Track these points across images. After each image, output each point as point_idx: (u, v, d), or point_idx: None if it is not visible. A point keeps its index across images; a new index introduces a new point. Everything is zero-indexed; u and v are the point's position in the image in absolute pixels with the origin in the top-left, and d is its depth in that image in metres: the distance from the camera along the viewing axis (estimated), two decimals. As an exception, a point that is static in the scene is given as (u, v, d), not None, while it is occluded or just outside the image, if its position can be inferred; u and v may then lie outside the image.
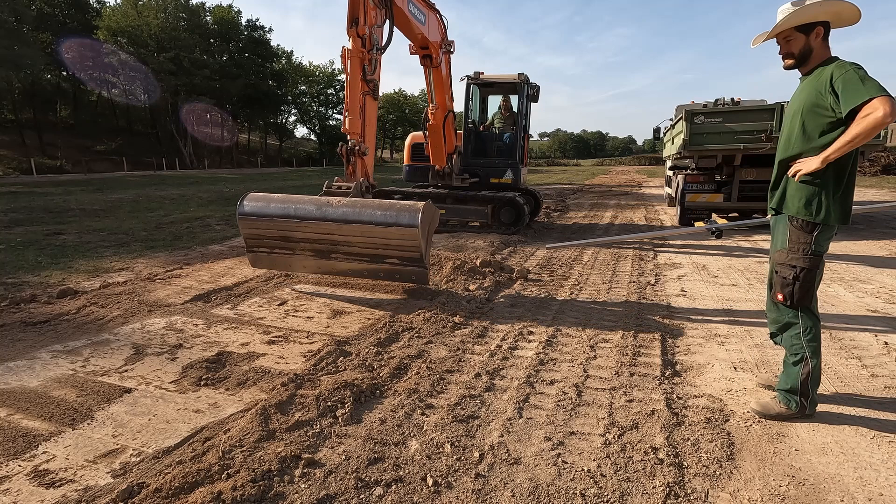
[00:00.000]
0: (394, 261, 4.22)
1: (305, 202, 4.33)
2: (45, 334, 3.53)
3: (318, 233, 4.28)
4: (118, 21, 40.23)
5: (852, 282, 4.93)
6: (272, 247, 4.55)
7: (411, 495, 1.83)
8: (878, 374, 2.86)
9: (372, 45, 4.57)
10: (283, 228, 4.39)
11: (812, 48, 2.28)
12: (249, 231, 4.53)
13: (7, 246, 6.89)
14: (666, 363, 3.03)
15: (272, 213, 4.38)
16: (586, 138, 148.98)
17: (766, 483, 1.91)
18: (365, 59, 4.57)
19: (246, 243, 4.64)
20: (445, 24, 6.79)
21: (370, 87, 4.68)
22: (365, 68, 4.57)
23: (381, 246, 4.19)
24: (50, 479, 1.93)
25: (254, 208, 4.45)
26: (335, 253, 4.35)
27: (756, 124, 7.59)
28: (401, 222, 3.97)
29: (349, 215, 4.12)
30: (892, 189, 15.93)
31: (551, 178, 30.89)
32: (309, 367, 2.97)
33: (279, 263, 4.69)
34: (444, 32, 6.81)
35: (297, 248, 4.45)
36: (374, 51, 4.62)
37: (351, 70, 4.54)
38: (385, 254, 4.22)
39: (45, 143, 35.95)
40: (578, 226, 9.72)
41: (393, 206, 4.09)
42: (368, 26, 4.52)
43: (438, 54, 6.73)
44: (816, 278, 2.31)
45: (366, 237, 4.16)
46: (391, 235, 4.06)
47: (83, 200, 13.91)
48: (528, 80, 8.26)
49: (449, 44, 6.93)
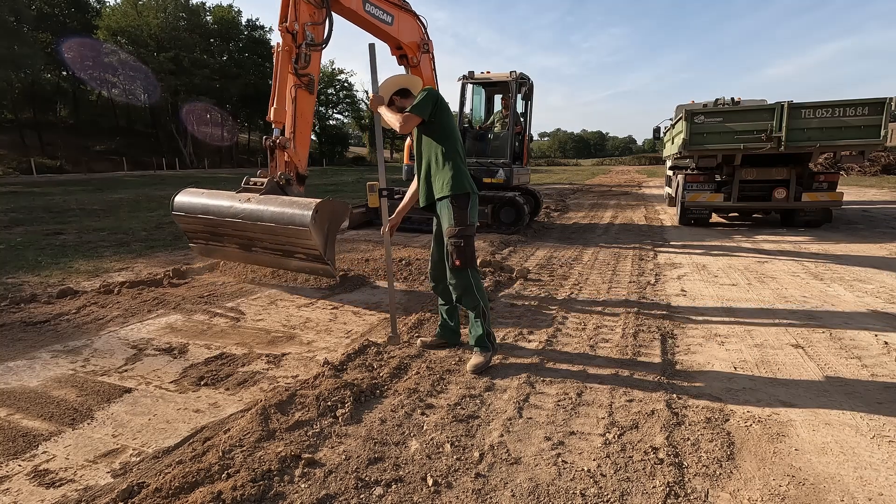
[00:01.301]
0: (301, 256, 4.32)
1: (223, 198, 4.51)
2: (45, 334, 3.53)
3: (235, 229, 4.45)
4: (118, 21, 40.20)
5: (852, 282, 4.93)
6: (206, 239, 4.81)
7: (411, 495, 1.83)
8: (878, 374, 2.86)
9: (303, 39, 4.62)
10: (207, 224, 4.61)
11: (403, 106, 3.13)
12: (184, 225, 4.84)
13: (7, 246, 6.89)
14: (666, 363, 3.03)
15: (196, 210, 4.61)
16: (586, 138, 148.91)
17: (766, 483, 1.91)
18: (293, 53, 4.64)
19: (186, 236, 4.98)
20: (424, 24, 6.77)
21: (304, 81, 4.73)
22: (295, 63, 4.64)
23: (285, 243, 4.29)
24: (50, 479, 1.93)
25: (182, 205, 4.69)
26: (255, 247, 4.54)
27: (756, 124, 7.59)
28: (294, 221, 4.03)
29: (253, 213, 4.25)
30: (893, 189, 15.93)
31: (551, 178, 30.89)
32: (306, 371, 2.96)
33: (217, 253, 4.92)
34: (422, 33, 6.78)
35: (225, 240, 4.68)
36: (305, 46, 4.65)
37: (280, 63, 4.67)
38: (292, 250, 4.32)
39: (45, 142, 35.93)
40: (578, 226, 9.72)
41: (290, 204, 4.15)
42: (300, 23, 4.58)
43: (416, 55, 6.71)
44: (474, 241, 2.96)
45: (270, 234, 4.26)
46: (289, 234, 4.14)
47: (83, 200, 13.91)
48: (522, 78, 8.21)
49: (427, 44, 6.90)
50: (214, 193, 4.64)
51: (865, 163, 20.51)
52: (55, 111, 43.60)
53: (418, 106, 2.86)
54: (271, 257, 4.51)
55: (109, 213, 11.01)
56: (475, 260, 2.98)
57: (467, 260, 2.88)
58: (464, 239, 2.86)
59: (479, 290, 2.93)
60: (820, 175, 8.20)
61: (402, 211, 3.33)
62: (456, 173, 2.91)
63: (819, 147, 7.47)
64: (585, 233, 8.70)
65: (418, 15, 6.62)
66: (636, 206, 13.35)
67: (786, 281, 5.02)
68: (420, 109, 2.85)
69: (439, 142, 2.95)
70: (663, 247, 7.10)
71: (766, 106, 7.78)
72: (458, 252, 2.86)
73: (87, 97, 45.79)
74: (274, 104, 4.68)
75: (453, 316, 3.25)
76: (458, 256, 2.86)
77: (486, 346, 2.96)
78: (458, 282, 2.92)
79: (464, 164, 2.98)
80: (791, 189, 7.99)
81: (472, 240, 2.93)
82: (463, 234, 2.87)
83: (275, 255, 4.47)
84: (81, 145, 37.92)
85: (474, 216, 2.95)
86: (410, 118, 2.86)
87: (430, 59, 7.12)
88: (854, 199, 13.10)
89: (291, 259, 4.38)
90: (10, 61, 28.73)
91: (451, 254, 2.89)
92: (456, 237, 2.86)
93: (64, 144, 35.81)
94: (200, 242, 4.87)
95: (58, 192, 16.93)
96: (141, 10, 41.13)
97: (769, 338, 3.45)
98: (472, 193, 2.94)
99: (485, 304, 2.95)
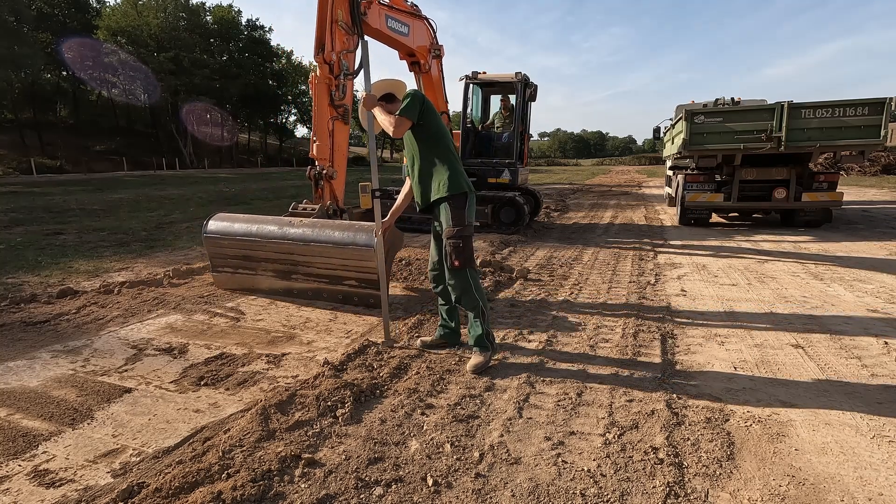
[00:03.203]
0: (352, 282, 4.18)
1: (268, 222, 4.44)
2: (45, 334, 3.53)
3: (279, 252, 4.33)
4: (118, 21, 40.19)
5: (852, 282, 4.93)
6: (236, 266, 4.62)
7: (411, 495, 1.83)
8: (878, 374, 2.86)
9: (340, 70, 4.59)
10: (245, 247, 4.47)
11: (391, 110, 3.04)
12: (214, 250, 4.64)
13: (7, 246, 6.89)
14: (666, 363, 3.03)
15: (236, 233, 4.49)
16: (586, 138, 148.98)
17: (766, 483, 1.91)
18: (332, 86, 4.63)
19: (211, 263, 4.75)
20: (434, 28, 6.76)
21: (339, 111, 4.73)
22: (332, 94, 4.62)
23: (338, 267, 4.17)
24: (50, 479, 1.93)
25: (218, 228, 4.58)
26: (295, 273, 4.38)
27: (756, 124, 7.59)
28: (357, 242, 3.96)
29: (308, 235, 4.18)
30: (893, 189, 15.93)
31: (551, 178, 30.89)
32: (306, 371, 2.96)
33: (242, 283, 4.66)
34: (432, 37, 6.78)
35: (259, 268, 4.51)
36: (342, 76, 4.64)
37: (318, 96, 4.65)
38: (343, 275, 4.20)
39: (45, 142, 35.93)
40: (578, 226, 9.72)
41: (351, 227, 4.12)
42: (336, 52, 4.54)
43: (427, 59, 6.71)
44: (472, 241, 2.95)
45: (324, 257, 4.17)
46: (348, 256, 4.04)
47: (83, 200, 13.91)
48: (526, 80, 8.24)
49: (438, 48, 6.90)
50: (253, 217, 4.59)
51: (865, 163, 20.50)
52: (55, 111, 43.60)
53: (407, 109, 2.83)
54: (314, 284, 4.34)
55: (109, 213, 11.01)
56: (474, 260, 2.98)
57: (465, 260, 2.88)
58: (462, 239, 2.86)
59: (477, 290, 2.93)
60: (820, 175, 8.20)
61: (396, 212, 3.32)
62: (452, 174, 2.91)
63: (819, 147, 7.47)
64: (585, 233, 8.70)
65: (429, 19, 6.62)
66: (636, 206, 13.35)
67: (786, 281, 5.02)
68: (410, 112, 2.83)
69: (431, 143, 2.95)
70: (663, 247, 7.10)
71: (766, 106, 7.78)
72: (457, 252, 2.86)
73: (87, 97, 45.79)
74: (316, 140, 4.70)
75: (453, 316, 3.25)
76: (457, 257, 2.86)
77: (486, 345, 2.95)
78: (456, 282, 2.93)
79: (459, 164, 2.98)
80: (791, 189, 7.99)
81: (471, 240, 2.93)
82: (461, 234, 2.86)
83: (319, 282, 4.31)
84: (81, 145, 37.92)
85: (472, 216, 2.95)
86: (402, 121, 2.84)
87: (439, 63, 7.13)
88: (854, 199, 13.10)
89: (338, 285, 4.25)
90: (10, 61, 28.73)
91: (449, 255, 2.88)
92: (454, 238, 2.86)
93: (64, 144, 35.81)
94: (226, 271, 4.67)
95: (58, 192, 16.94)
96: (141, 10, 41.13)
97: (769, 338, 3.45)
98: (469, 193, 2.94)
99: (484, 305, 2.95)
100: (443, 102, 7.48)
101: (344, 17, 4.64)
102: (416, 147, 2.99)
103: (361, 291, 4.17)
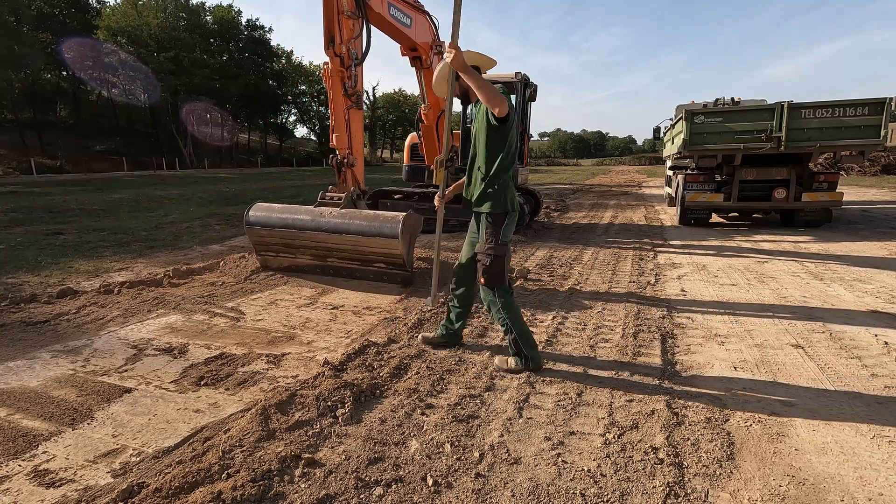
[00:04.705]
0: (381, 265, 4.75)
1: (302, 213, 4.89)
2: (45, 334, 3.53)
3: (314, 241, 4.85)
4: (118, 21, 40.15)
5: (852, 282, 4.93)
6: (277, 251, 5.16)
7: (411, 495, 1.83)
8: (878, 374, 2.86)
9: (351, 60, 4.68)
10: (283, 237, 4.98)
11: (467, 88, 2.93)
12: (256, 238, 5.18)
13: (7, 246, 6.89)
14: (666, 363, 3.03)
15: (274, 224, 4.97)
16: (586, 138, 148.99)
17: (766, 483, 1.91)
18: (345, 77, 4.71)
19: (255, 248, 5.30)
20: (436, 25, 6.75)
21: (353, 100, 4.89)
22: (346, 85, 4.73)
23: (368, 253, 4.70)
24: (50, 479, 1.93)
25: (258, 219, 5.06)
26: (330, 257, 4.95)
27: (756, 124, 7.60)
28: (383, 233, 4.45)
29: (339, 227, 4.65)
30: (893, 189, 15.93)
31: (551, 178, 30.89)
32: (306, 371, 2.96)
33: (285, 264, 5.19)
34: (434, 33, 6.77)
35: (298, 253, 5.05)
36: (353, 66, 4.73)
37: (333, 89, 4.83)
38: (373, 259, 4.75)
39: (45, 142, 35.90)
40: (578, 225, 9.72)
41: (377, 218, 4.56)
42: (345, 43, 4.62)
43: (429, 55, 6.70)
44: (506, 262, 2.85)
45: (354, 246, 4.68)
46: (375, 245, 4.57)
47: (83, 200, 13.91)
48: (526, 80, 8.24)
49: (440, 44, 6.90)
50: (291, 208, 5.01)
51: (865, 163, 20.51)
52: (55, 111, 43.57)
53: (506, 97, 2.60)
54: (348, 265, 4.90)
55: (109, 213, 11.01)
56: (503, 279, 2.84)
57: (492, 279, 2.81)
58: (491, 258, 2.79)
59: (506, 308, 2.85)
60: (820, 175, 8.21)
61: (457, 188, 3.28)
62: (500, 189, 2.79)
63: (819, 147, 7.48)
64: (585, 233, 8.70)
65: (431, 16, 6.61)
66: (636, 206, 13.35)
67: (786, 281, 5.02)
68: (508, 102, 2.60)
69: (494, 149, 2.79)
70: (663, 247, 7.10)
71: (766, 106, 7.79)
72: (484, 270, 2.82)
73: (87, 97, 45.76)
74: (335, 132, 4.90)
75: (460, 318, 3.21)
76: (483, 274, 2.83)
77: (521, 359, 2.89)
78: (484, 295, 2.92)
79: (510, 180, 2.83)
80: (791, 189, 7.99)
81: (502, 259, 2.81)
82: (492, 253, 2.79)
83: (352, 264, 4.87)
84: (81, 145, 37.89)
85: (508, 235, 2.84)
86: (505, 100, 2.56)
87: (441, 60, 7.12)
88: (854, 199, 13.10)
89: (370, 266, 4.81)
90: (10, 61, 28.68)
91: (478, 270, 2.87)
92: (484, 254, 2.81)
93: (64, 144, 35.79)
94: (269, 255, 5.19)
95: (58, 192, 16.93)
96: (141, 10, 41.08)
97: (769, 338, 3.45)
98: (509, 213, 2.83)
99: (513, 324, 2.84)
100: (443, 100, 7.47)
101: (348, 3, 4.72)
102: (484, 148, 2.83)
103: (390, 272, 4.75)
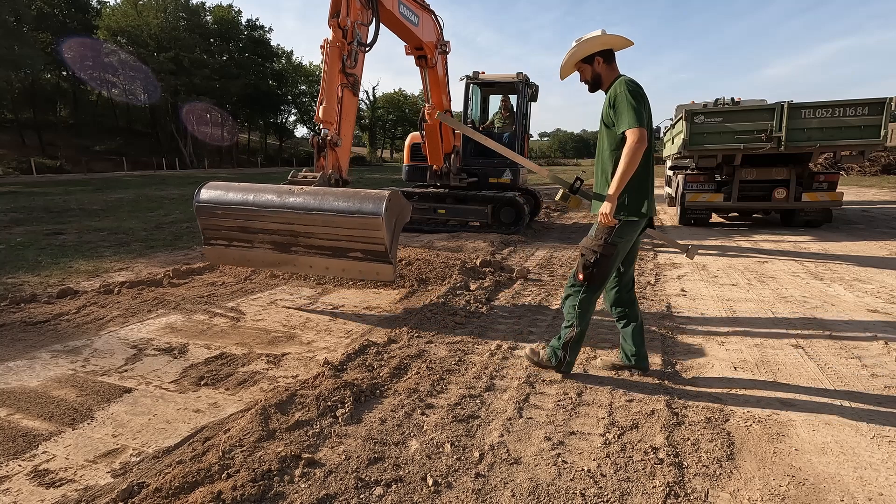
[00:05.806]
0: (357, 254, 3.88)
1: (266, 190, 4.05)
2: (45, 334, 3.53)
3: (278, 222, 3.97)
4: (118, 21, 40.15)
5: (852, 282, 4.93)
6: (230, 238, 4.24)
7: (411, 495, 1.83)
8: (878, 373, 2.86)
9: (353, 38, 4.51)
10: (241, 217, 4.09)
11: (599, 73, 2.72)
12: (207, 222, 4.23)
13: (7, 246, 6.89)
14: (666, 363, 3.03)
15: (230, 202, 4.09)
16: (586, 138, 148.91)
17: (766, 483, 1.91)
18: (344, 50, 4.46)
19: (203, 235, 4.32)
20: (441, 25, 6.75)
21: (350, 80, 4.53)
22: (344, 60, 4.48)
23: (343, 237, 3.85)
24: (50, 479, 1.93)
25: (211, 196, 4.15)
26: (295, 246, 4.04)
27: (756, 124, 7.59)
28: (364, 210, 3.66)
29: (310, 203, 3.83)
30: (893, 189, 15.93)
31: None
32: (306, 371, 2.96)
33: (237, 258, 4.33)
34: (439, 33, 6.78)
35: (256, 240, 4.13)
36: (356, 44, 4.55)
37: (329, 59, 4.37)
38: (348, 246, 3.89)
39: (45, 142, 35.88)
40: (578, 225, 9.72)
41: (357, 194, 3.80)
42: (350, 20, 4.48)
43: (433, 55, 6.70)
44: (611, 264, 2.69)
45: (327, 227, 3.84)
46: (354, 225, 3.73)
47: (83, 200, 13.91)
48: (527, 80, 8.26)
49: (445, 44, 6.90)
50: (249, 186, 4.17)
51: (865, 163, 20.53)
52: (55, 111, 43.57)
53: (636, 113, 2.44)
54: (315, 259, 4.02)
55: (109, 213, 11.01)
56: (597, 281, 2.69)
57: (588, 277, 2.66)
58: (591, 256, 2.65)
59: (581, 307, 2.71)
60: (820, 175, 8.21)
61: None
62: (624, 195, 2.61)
63: (819, 147, 7.47)
64: (585, 232, 8.67)
65: (436, 15, 6.62)
66: (636, 206, 13.33)
67: (786, 281, 5.02)
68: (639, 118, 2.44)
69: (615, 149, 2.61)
70: (663, 247, 7.10)
71: (766, 106, 7.79)
72: (585, 266, 2.67)
73: (87, 97, 45.71)
74: (323, 103, 4.40)
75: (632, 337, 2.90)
76: (581, 270, 2.68)
77: (555, 355, 2.81)
78: (568, 291, 2.80)
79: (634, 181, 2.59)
80: (791, 189, 7.99)
81: (609, 259, 2.65)
82: (598, 251, 2.64)
83: (320, 256, 4.00)
84: (81, 145, 37.86)
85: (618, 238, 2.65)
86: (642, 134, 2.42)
87: (445, 59, 7.13)
88: (854, 199, 13.10)
89: (342, 259, 3.95)
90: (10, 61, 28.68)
91: (579, 264, 2.71)
92: (589, 250, 2.67)
93: (64, 144, 35.78)
94: (220, 244, 4.27)
95: (58, 192, 16.93)
96: (141, 10, 41.07)
97: (769, 338, 3.45)
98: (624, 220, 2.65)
99: (579, 323, 2.73)
100: (447, 100, 7.48)
101: None
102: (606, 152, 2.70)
103: (368, 264, 3.89)
